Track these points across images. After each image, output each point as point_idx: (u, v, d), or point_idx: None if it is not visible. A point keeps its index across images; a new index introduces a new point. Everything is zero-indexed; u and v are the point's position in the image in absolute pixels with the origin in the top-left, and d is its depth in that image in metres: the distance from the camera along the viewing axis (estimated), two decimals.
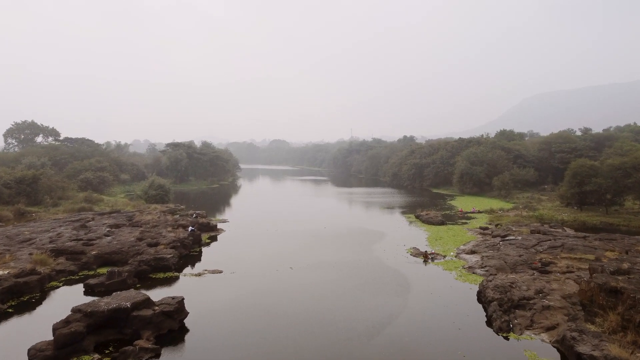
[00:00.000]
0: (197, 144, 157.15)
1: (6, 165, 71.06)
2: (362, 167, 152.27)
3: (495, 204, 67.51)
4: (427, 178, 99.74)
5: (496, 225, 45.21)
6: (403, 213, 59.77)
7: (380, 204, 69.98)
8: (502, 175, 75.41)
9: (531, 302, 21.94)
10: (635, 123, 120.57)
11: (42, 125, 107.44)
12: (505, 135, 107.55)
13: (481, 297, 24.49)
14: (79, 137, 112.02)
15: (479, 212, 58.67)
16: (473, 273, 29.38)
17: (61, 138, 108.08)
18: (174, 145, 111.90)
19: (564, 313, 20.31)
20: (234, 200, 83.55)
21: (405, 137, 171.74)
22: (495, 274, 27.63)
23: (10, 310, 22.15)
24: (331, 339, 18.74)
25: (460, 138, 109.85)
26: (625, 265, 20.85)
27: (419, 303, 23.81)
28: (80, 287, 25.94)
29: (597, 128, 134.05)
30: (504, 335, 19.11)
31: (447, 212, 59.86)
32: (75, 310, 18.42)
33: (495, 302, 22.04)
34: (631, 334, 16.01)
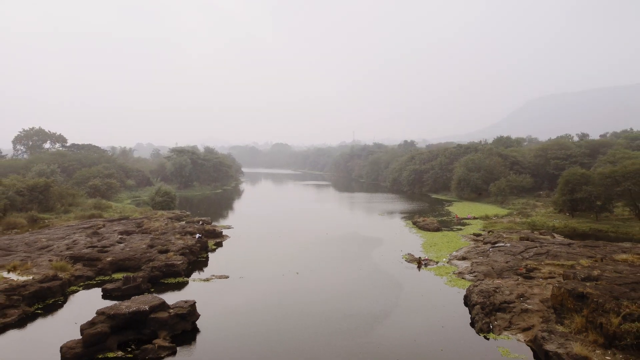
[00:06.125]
0: (199, 147, 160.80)
1: (16, 172, 73.56)
2: (363, 172, 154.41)
3: (492, 210, 69.53)
4: (426, 184, 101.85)
5: (488, 232, 47.28)
6: (401, 219, 61.88)
7: (380, 210, 72.08)
8: (498, 181, 77.46)
9: (511, 305, 24.04)
10: (631, 129, 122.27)
11: (49, 131, 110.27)
12: (503, 142, 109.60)
13: (467, 301, 26.62)
14: (85, 143, 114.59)
15: (475, 218, 60.71)
16: (462, 278, 31.46)
17: (68, 144, 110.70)
18: (179, 151, 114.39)
19: (540, 316, 22.39)
20: (237, 206, 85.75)
21: (405, 142, 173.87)
22: (483, 280, 29.72)
23: (39, 311, 24.45)
24: (330, 336, 20.90)
25: (458, 145, 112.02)
26: (596, 272, 22.95)
27: (409, 305, 25.99)
28: (98, 292, 28.15)
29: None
30: (484, 335, 21.23)
31: (444, 218, 61.92)
32: (100, 312, 20.62)
33: (478, 306, 24.18)
34: (592, 334, 18.11)
